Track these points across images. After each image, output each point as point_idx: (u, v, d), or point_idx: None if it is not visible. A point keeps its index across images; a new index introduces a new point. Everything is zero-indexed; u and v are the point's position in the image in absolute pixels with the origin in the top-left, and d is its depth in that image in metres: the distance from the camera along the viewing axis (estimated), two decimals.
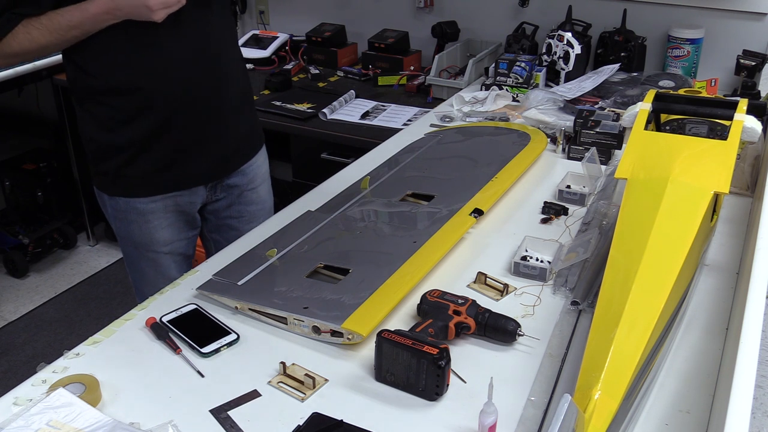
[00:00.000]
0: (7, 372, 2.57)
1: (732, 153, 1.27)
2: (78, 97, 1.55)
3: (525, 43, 2.46)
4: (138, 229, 1.61)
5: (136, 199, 1.58)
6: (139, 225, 1.61)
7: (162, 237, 1.64)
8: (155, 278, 1.68)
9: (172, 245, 1.67)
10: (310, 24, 2.91)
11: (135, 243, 1.65)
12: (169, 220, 1.63)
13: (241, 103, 1.66)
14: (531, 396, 1.03)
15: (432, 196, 1.56)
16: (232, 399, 1.03)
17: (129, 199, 1.58)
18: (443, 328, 1.12)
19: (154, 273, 1.69)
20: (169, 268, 1.69)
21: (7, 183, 3.14)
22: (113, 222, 1.65)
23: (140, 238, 1.63)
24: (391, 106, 2.41)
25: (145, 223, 1.60)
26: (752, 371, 0.87)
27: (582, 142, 1.81)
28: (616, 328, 0.98)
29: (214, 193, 1.69)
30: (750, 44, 2.23)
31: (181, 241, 1.68)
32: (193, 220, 1.69)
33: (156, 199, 1.59)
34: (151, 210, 1.59)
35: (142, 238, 1.63)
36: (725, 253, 1.39)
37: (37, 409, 0.95)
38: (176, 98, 1.51)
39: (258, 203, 1.79)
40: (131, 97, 1.49)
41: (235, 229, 1.75)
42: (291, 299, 1.20)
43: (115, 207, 1.61)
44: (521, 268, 1.33)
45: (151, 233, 1.62)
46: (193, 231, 1.72)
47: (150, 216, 1.60)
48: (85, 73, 1.49)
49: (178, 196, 1.61)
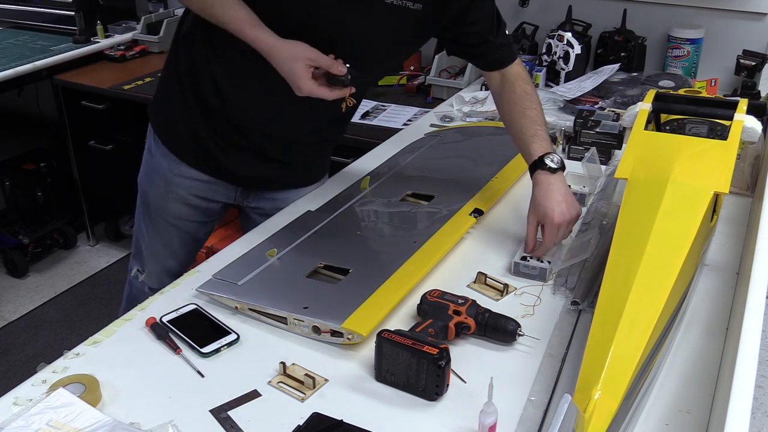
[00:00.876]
0: (7, 372, 2.57)
1: (732, 153, 1.27)
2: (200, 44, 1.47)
3: (525, 43, 2.46)
4: (156, 190, 1.64)
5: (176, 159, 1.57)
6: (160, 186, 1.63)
7: (174, 209, 1.65)
8: (154, 242, 1.71)
9: (182, 222, 1.67)
10: None
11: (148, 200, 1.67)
12: (186, 199, 1.63)
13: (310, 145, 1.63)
14: (531, 396, 1.03)
15: (432, 196, 1.56)
16: (232, 399, 1.03)
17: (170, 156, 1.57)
18: (443, 328, 1.12)
19: (155, 235, 1.71)
20: (173, 240, 1.70)
21: (7, 183, 3.14)
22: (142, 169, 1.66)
23: (154, 199, 1.65)
24: (391, 106, 2.41)
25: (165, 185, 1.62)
26: (752, 371, 0.87)
27: (582, 142, 1.81)
28: (616, 328, 0.98)
29: (245, 199, 1.68)
30: (750, 44, 2.23)
31: (192, 222, 1.69)
32: (213, 212, 1.69)
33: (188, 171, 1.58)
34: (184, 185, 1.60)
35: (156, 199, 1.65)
36: (725, 253, 1.39)
37: (37, 409, 0.95)
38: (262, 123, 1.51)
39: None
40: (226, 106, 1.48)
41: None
42: (291, 299, 1.19)
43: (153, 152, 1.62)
44: (521, 268, 1.33)
45: (167, 198, 1.63)
46: (208, 219, 1.71)
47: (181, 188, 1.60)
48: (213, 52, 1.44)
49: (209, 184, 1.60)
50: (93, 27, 3.02)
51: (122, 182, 3.06)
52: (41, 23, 3.14)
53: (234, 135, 1.53)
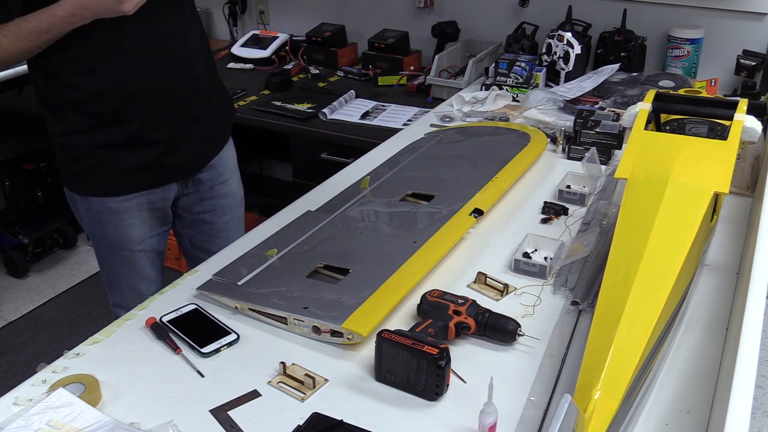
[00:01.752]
0: (7, 372, 2.57)
1: (732, 153, 1.27)
2: (48, 104, 1.53)
3: (525, 43, 2.46)
4: (112, 229, 1.62)
5: (110, 198, 1.58)
6: (114, 224, 1.61)
7: (136, 235, 1.64)
8: (129, 276, 1.70)
9: (146, 243, 1.67)
10: (310, 24, 2.91)
11: (109, 242, 1.65)
12: (142, 218, 1.63)
13: (210, 98, 1.66)
14: (531, 396, 1.03)
15: (432, 196, 1.56)
16: (232, 399, 1.03)
17: (103, 199, 1.58)
18: (443, 328, 1.12)
19: (128, 271, 1.70)
20: (143, 266, 1.70)
21: (7, 183, 3.14)
22: (86, 223, 1.65)
23: (114, 237, 1.63)
24: (391, 106, 2.41)
25: (119, 222, 1.61)
26: (752, 371, 0.87)
27: (582, 142, 1.81)
28: (616, 328, 0.98)
29: (185, 188, 1.69)
30: (750, 44, 2.23)
31: (153, 237, 1.69)
32: (166, 216, 1.70)
33: (130, 197, 1.59)
34: (125, 209, 1.60)
35: (117, 236, 1.63)
36: (725, 253, 1.39)
37: (37, 409, 0.95)
38: (149, 98, 1.50)
39: (229, 196, 1.80)
40: (104, 99, 1.48)
41: (209, 223, 1.78)
42: (291, 299, 1.20)
43: (88, 207, 1.61)
44: (521, 265, 1.33)
45: (125, 232, 1.63)
46: (165, 227, 1.73)
47: (124, 215, 1.60)
48: (57, 81, 1.47)
49: (151, 194, 1.62)
50: None
51: None
52: None
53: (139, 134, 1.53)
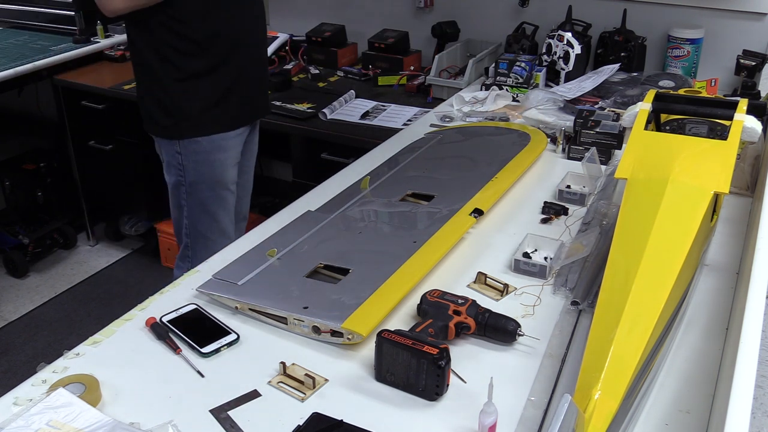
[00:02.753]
0: (7, 372, 2.57)
1: (732, 153, 1.27)
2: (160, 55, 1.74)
3: (525, 43, 2.46)
4: (219, 167, 1.85)
5: (223, 134, 1.82)
6: (221, 161, 1.85)
7: (232, 174, 1.91)
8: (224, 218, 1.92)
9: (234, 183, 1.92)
10: (310, 24, 2.91)
11: (213, 183, 1.86)
12: (236, 158, 1.90)
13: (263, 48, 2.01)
14: (531, 396, 1.03)
15: (432, 196, 1.56)
16: (232, 399, 1.03)
17: (215, 137, 1.81)
18: (443, 328, 1.12)
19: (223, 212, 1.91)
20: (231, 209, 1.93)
21: (7, 183, 3.14)
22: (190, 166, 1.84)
23: (220, 176, 1.86)
24: (391, 106, 2.41)
25: (225, 159, 1.85)
26: (752, 371, 0.87)
27: (582, 142, 1.81)
28: (616, 328, 0.98)
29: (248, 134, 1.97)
30: (750, 44, 2.23)
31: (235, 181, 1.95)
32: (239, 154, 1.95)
33: (238, 132, 1.86)
34: (232, 145, 1.85)
35: (222, 175, 1.86)
36: (725, 253, 1.39)
37: (37, 409, 0.95)
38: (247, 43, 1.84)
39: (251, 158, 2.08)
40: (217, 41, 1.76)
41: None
42: (291, 299, 1.20)
43: (196, 150, 1.81)
44: (521, 265, 1.33)
45: (228, 170, 1.88)
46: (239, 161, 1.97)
47: (231, 151, 1.86)
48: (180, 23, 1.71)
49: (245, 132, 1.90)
50: (93, 27, 3.02)
51: (122, 182, 3.08)
52: (41, 23, 3.14)
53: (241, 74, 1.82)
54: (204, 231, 1.93)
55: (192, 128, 1.82)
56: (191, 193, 1.89)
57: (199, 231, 1.93)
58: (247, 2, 1.81)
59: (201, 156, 1.84)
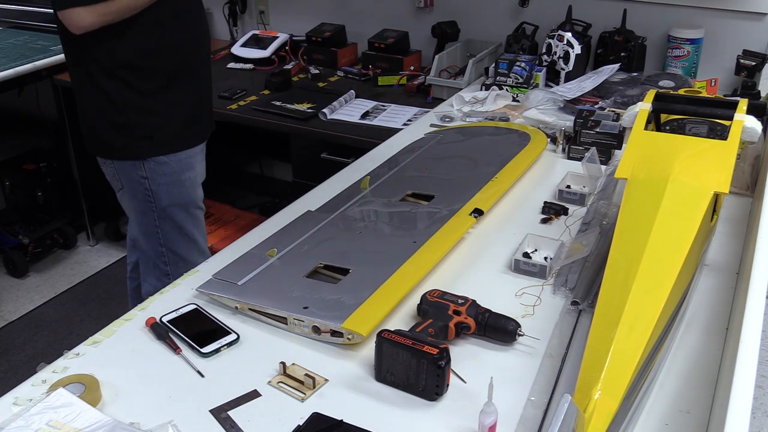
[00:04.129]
0: (7, 372, 2.57)
1: (732, 153, 1.27)
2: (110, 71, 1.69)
3: (525, 43, 2.46)
4: (191, 185, 1.81)
5: (189, 151, 1.78)
6: (191, 180, 1.81)
7: (200, 192, 1.87)
8: (199, 238, 1.87)
9: (202, 199, 1.89)
10: (310, 24, 2.91)
11: (187, 203, 1.82)
12: (203, 175, 1.87)
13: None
14: (531, 396, 1.03)
15: (432, 196, 1.56)
16: (232, 399, 1.03)
17: (181, 155, 1.77)
18: (443, 328, 1.12)
19: (198, 233, 1.87)
20: (203, 226, 1.90)
21: (7, 183, 3.14)
22: (159, 190, 1.78)
23: (192, 195, 1.83)
24: (391, 106, 2.41)
25: (195, 177, 1.82)
26: (752, 371, 0.87)
27: (582, 142, 1.81)
28: (616, 328, 0.98)
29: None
30: (750, 44, 2.23)
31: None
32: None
33: (201, 147, 1.83)
34: (197, 161, 1.82)
35: (194, 194, 1.83)
36: (725, 253, 1.39)
37: (37, 409, 0.95)
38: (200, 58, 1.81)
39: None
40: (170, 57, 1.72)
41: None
42: (291, 299, 1.20)
43: (165, 171, 1.76)
44: (521, 265, 1.33)
45: (197, 188, 1.84)
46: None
47: (198, 168, 1.82)
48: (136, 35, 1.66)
49: (204, 149, 1.87)
50: None
51: None
52: (41, 23, 3.14)
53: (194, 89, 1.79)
54: (184, 254, 1.87)
55: (155, 147, 1.76)
56: (164, 218, 1.83)
57: (179, 255, 1.87)
58: (198, 17, 1.81)
59: (171, 177, 1.79)
